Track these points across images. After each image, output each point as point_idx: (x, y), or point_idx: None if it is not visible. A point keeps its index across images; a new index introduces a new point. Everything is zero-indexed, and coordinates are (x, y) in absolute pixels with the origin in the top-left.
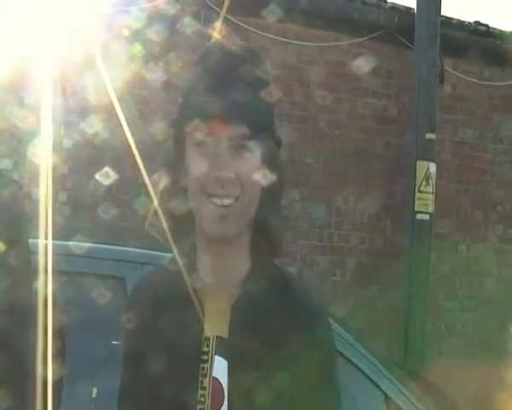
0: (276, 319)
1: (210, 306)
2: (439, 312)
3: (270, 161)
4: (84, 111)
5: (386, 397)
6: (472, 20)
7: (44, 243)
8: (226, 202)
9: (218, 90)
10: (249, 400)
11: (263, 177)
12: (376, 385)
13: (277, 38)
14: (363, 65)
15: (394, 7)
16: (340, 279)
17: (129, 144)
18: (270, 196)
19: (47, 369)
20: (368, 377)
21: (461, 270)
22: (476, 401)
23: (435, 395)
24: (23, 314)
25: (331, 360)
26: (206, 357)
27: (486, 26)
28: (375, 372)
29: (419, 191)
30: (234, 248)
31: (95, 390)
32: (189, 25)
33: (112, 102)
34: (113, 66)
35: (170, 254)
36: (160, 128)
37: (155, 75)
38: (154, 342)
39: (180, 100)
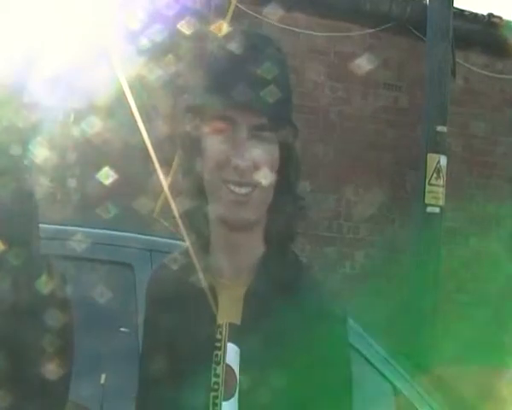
0: (289, 307)
1: (224, 293)
2: (449, 305)
3: (287, 151)
4: (92, 102)
5: (396, 390)
6: (485, 13)
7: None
8: (244, 190)
9: (238, 80)
10: (260, 387)
11: (280, 166)
12: (385, 377)
13: (288, 27)
14: (374, 56)
15: None
16: (350, 271)
17: (139, 135)
18: (286, 184)
19: (50, 367)
20: (377, 369)
21: (472, 263)
22: (486, 396)
23: (444, 388)
24: (26, 312)
25: (343, 352)
26: (219, 344)
27: (499, 18)
28: (384, 364)
29: (429, 184)
30: (249, 235)
31: (103, 376)
32: (197, 19)
33: (120, 95)
34: (119, 61)
35: (177, 242)
36: (168, 121)
37: (162, 71)
38: (169, 332)
39: (196, 89)
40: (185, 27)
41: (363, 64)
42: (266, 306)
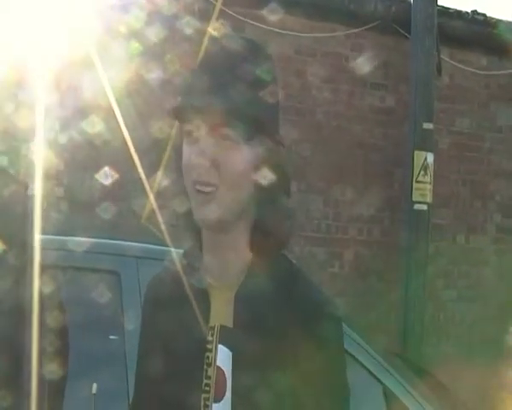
0: (280, 310)
1: (216, 296)
2: (437, 302)
3: (267, 160)
4: (80, 107)
5: (386, 390)
6: (469, 10)
7: (37, 239)
8: (206, 189)
9: (198, 84)
10: (252, 390)
11: (260, 175)
12: (376, 378)
13: (274, 29)
14: (360, 56)
15: None
16: (339, 271)
17: (126, 141)
18: (269, 193)
19: (47, 368)
20: (367, 369)
21: (459, 260)
22: (475, 393)
23: (434, 385)
24: (23, 314)
25: (338, 353)
26: (210, 346)
27: (483, 15)
28: (373, 365)
29: (417, 181)
30: (231, 240)
31: (94, 386)
32: (187, 22)
33: (109, 100)
34: (110, 63)
35: (165, 248)
36: (157, 126)
37: (153, 73)
38: (163, 333)
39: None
40: (171, 35)
41: (349, 64)
42: (257, 308)
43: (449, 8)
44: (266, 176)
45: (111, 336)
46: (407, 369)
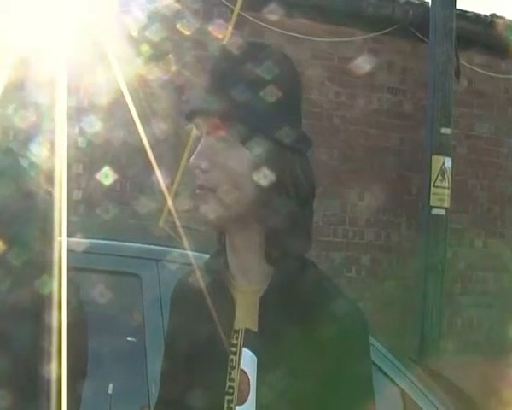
0: (305, 315)
1: (241, 299)
2: (455, 307)
3: (267, 161)
4: (97, 110)
5: (403, 392)
6: (488, 13)
7: (59, 242)
8: (202, 190)
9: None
10: (276, 394)
11: (259, 177)
12: (392, 381)
13: (291, 33)
14: (377, 60)
15: (409, 1)
16: (356, 276)
17: (142, 143)
18: (273, 195)
19: (66, 369)
20: (384, 372)
21: (477, 265)
22: (493, 398)
23: (451, 390)
24: (43, 315)
25: (364, 360)
26: (234, 349)
27: (502, 18)
28: (391, 368)
29: (434, 186)
30: (248, 243)
31: (111, 386)
32: (196, 24)
33: (127, 103)
34: (124, 65)
35: (184, 251)
36: (177, 129)
37: (165, 74)
38: (188, 335)
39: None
40: (184, 29)
41: (367, 68)
42: (282, 312)
43: (467, 12)
44: (266, 177)
45: (129, 338)
46: (424, 373)
